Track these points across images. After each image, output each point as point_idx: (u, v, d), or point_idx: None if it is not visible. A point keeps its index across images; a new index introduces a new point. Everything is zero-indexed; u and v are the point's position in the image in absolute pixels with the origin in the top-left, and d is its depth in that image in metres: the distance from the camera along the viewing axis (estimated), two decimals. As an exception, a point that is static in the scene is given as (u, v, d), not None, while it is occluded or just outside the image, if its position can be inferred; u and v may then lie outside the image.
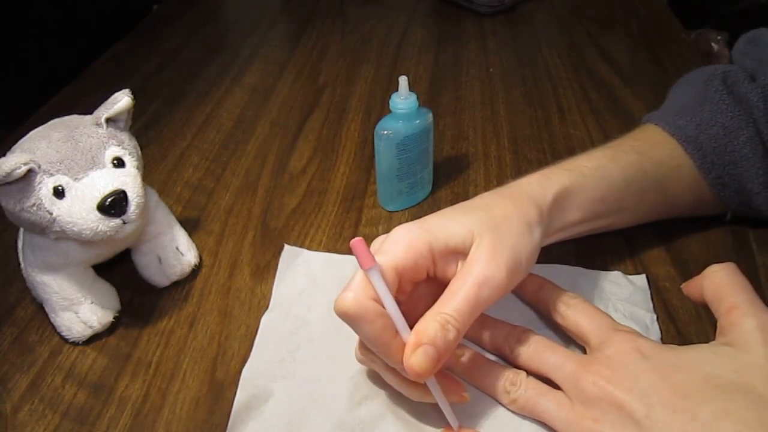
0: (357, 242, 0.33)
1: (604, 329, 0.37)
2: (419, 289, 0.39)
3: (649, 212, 0.48)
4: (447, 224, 0.37)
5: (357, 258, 0.34)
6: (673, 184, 0.47)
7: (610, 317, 0.39)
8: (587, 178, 0.43)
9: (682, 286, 0.40)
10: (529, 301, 0.44)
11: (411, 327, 0.35)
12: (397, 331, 0.34)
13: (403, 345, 0.34)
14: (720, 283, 0.36)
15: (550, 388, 0.37)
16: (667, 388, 0.33)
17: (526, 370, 0.38)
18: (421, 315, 0.36)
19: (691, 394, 0.32)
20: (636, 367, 0.34)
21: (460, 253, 0.37)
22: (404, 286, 0.37)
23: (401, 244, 0.36)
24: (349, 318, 0.34)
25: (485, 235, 0.36)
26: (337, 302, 0.34)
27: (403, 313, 0.35)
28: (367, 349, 0.37)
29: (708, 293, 0.37)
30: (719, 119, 0.46)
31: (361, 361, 0.39)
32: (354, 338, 0.40)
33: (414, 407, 0.38)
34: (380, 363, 0.36)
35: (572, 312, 0.40)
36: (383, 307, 0.34)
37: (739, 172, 0.46)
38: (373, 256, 0.34)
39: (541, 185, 0.41)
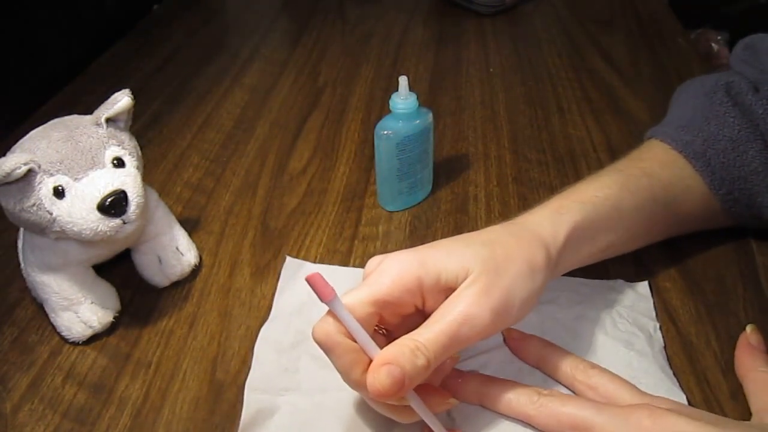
0: (312, 277, 0.32)
1: (638, 393, 0.37)
2: (409, 321, 0.37)
3: (661, 234, 0.47)
4: (443, 258, 0.36)
5: (315, 292, 0.32)
6: (684, 204, 0.46)
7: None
8: (599, 211, 0.42)
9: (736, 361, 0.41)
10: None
11: None
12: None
13: None
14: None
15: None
16: None
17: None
18: None
19: None
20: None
21: (451, 289, 0.35)
22: (389, 318, 0.36)
23: (388, 277, 0.35)
24: (321, 347, 0.34)
25: (480, 274, 0.35)
26: (313, 329, 0.34)
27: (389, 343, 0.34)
28: None
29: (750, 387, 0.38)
30: (726, 133, 0.45)
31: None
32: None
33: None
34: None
35: (595, 373, 0.38)
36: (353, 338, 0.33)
37: (749, 187, 0.46)
38: (331, 288, 0.32)
39: (552, 225, 0.39)
